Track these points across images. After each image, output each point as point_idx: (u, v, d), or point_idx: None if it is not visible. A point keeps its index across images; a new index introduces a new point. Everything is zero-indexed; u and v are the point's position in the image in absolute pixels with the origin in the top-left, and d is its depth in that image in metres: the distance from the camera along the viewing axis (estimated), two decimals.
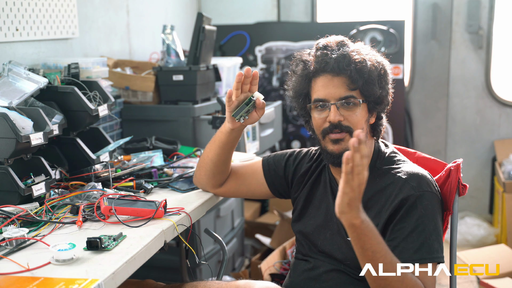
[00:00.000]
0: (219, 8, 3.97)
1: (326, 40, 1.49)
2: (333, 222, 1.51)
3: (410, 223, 1.36)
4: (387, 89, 1.49)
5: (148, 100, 2.51)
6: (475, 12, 3.73)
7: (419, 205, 1.37)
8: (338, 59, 1.42)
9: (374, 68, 1.44)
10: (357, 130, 1.14)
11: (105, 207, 1.44)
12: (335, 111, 1.42)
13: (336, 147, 1.45)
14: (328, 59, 1.43)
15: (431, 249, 1.34)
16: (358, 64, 1.42)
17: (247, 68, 1.52)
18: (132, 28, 2.97)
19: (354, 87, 1.43)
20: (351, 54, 1.43)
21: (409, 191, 1.38)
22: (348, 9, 4.11)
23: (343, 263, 1.49)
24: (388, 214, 1.39)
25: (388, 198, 1.41)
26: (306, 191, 1.61)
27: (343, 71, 1.42)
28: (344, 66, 1.41)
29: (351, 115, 1.43)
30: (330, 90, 1.43)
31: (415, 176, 1.41)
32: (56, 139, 1.80)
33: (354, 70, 1.41)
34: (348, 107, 1.43)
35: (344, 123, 1.43)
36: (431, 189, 1.40)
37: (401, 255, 1.34)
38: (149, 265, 1.41)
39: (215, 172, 1.66)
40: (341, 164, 1.40)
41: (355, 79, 1.42)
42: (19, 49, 2.11)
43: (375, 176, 1.47)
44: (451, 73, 3.88)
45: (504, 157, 3.68)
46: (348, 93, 1.43)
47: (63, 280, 1.10)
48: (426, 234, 1.35)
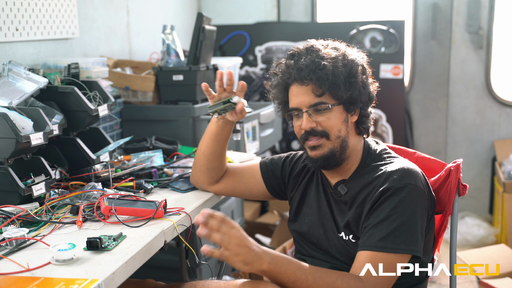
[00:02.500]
0: (219, 8, 3.97)
1: (297, 48, 1.51)
2: (326, 219, 1.53)
3: (383, 212, 1.37)
4: (358, 87, 1.47)
5: (148, 100, 2.51)
6: (475, 12, 3.73)
7: (396, 196, 1.37)
8: (300, 68, 1.44)
9: (339, 70, 1.44)
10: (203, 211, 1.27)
11: (105, 207, 1.44)
12: (307, 119, 1.45)
13: (314, 153, 1.48)
14: (291, 69, 1.46)
15: (396, 239, 1.34)
16: (319, 72, 1.42)
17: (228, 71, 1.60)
18: (132, 28, 2.97)
19: (320, 93, 1.44)
20: (314, 61, 1.44)
21: (390, 183, 1.39)
22: (348, 9, 4.11)
23: (339, 259, 1.50)
24: (370, 205, 1.40)
25: (371, 190, 1.42)
26: (301, 191, 1.62)
27: (305, 79, 1.44)
28: (305, 75, 1.43)
29: (324, 120, 1.45)
30: (300, 99, 1.46)
31: (400, 170, 1.41)
32: (56, 139, 1.80)
33: (315, 78, 1.42)
34: (319, 113, 1.45)
35: (318, 128, 1.45)
36: (415, 182, 1.39)
37: (367, 241, 1.36)
38: (149, 265, 1.41)
39: (209, 167, 1.68)
40: (322, 168, 1.50)
41: (319, 86, 1.43)
42: (19, 49, 2.11)
43: (364, 172, 1.48)
44: (451, 73, 3.88)
45: (504, 157, 3.68)
46: (317, 100, 1.44)
47: (63, 280, 1.10)
48: (396, 224, 1.34)
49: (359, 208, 1.44)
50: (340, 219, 1.49)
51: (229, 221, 1.28)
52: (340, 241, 1.48)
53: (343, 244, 1.48)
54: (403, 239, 1.34)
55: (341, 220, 1.49)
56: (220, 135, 1.64)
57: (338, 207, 1.51)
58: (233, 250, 1.25)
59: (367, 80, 1.50)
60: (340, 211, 1.50)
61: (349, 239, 1.47)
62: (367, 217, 1.40)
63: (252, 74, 3.79)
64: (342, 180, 1.52)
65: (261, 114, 2.63)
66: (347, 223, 1.46)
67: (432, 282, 2.99)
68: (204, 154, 1.67)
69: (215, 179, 1.71)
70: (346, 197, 1.48)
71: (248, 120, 2.48)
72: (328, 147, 1.46)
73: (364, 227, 1.40)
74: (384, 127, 3.53)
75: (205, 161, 1.68)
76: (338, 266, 1.50)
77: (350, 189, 1.48)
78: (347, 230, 1.47)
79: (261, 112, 2.63)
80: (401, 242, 1.34)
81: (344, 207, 1.49)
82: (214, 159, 1.67)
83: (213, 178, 1.70)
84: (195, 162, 1.72)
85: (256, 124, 2.57)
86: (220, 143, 1.66)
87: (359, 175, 1.49)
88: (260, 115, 2.62)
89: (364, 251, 1.36)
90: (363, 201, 1.44)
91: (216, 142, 1.65)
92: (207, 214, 1.26)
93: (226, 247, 1.25)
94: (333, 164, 1.48)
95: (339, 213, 1.51)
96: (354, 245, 1.44)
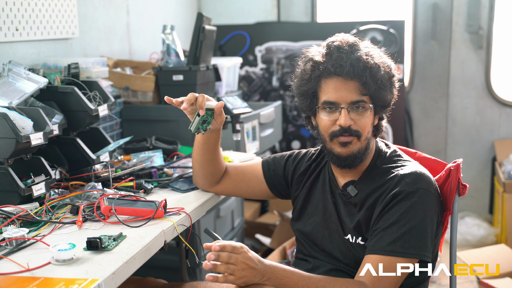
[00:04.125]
0: (219, 8, 3.97)
1: (339, 41, 1.46)
2: (331, 221, 1.52)
3: (394, 216, 1.37)
4: (394, 92, 1.49)
5: (148, 100, 2.51)
6: (475, 12, 3.73)
7: (407, 200, 1.37)
8: (353, 63, 1.40)
9: (385, 73, 1.44)
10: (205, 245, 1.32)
11: (105, 207, 1.43)
12: (346, 115, 1.42)
13: (344, 150, 1.45)
14: (343, 62, 1.41)
15: (406, 244, 1.34)
16: (373, 70, 1.41)
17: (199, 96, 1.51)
18: (132, 28, 2.97)
19: (366, 93, 1.42)
20: (365, 58, 1.41)
21: (402, 186, 1.39)
22: (348, 9, 4.11)
23: (342, 262, 1.49)
24: (381, 208, 1.40)
25: (383, 193, 1.42)
26: (306, 190, 1.61)
27: (357, 76, 1.40)
28: (359, 72, 1.40)
29: (360, 119, 1.43)
30: (341, 94, 1.42)
31: (413, 174, 1.41)
32: (56, 139, 1.79)
33: (369, 76, 1.40)
34: (358, 111, 1.43)
35: (353, 127, 1.43)
36: (427, 187, 1.39)
37: (376, 244, 1.36)
38: (149, 265, 1.41)
39: (205, 173, 1.68)
40: (346, 167, 1.47)
41: (368, 85, 1.41)
42: (19, 49, 2.10)
43: (374, 174, 1.48)
44: (451, 73, 3.88)
45: (504, 157, 3.68)
46: (360, 98, 1.42)
47: (63, 280, 1.10)
48: (406, 229, 1.34)
49: (370, 210, 1.43)
50: (349, 220, 1.48)
51: (237, 247, 1.30)
52: (346, 243, 1.47)
53: (349, 246, 1.47)
54: (413, 244, 1.34)
55: (349, 222, 1.48)
56: (207, 143, 1.62)
57: (346, 208, 1.50)
58: (237, 275, 1.29)
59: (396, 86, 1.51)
60: (349, 212, 1.49)
61: (357, 242, 1.46)
62: (377, 220, 1.40)
63: (252, 74, 3.79)
64: (352, 181, 1.50)
65: (261, 114, 2.63)
66: (357, 225, 1.45)
67: (432, 282, 2.99)
68: (197, 161, 1.67)
69: (215, 182, 1.71)
70: (356, 198, 1.47)
71: (248, 120, 2.47)
72: (357, 146, 1.44)
73: (373, 230, 1.40)
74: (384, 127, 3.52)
75: (199, 168, 1.68)
76: (341, 268, 1.49)
77: (360, 191, 1.47)
78: (356, 232, 1.46)
79: (261, 112, 2.63)
80: (411, 247, 1.34)
81: (354, 208, 1.48)
82: (207, 166, 1.67)
83: (211, 181, 1.70)
84: (193, 167, 1.72)
85: (256, 124, 2.56)
86: (209, 151, 1.64)
87: (369, 176, 1.48)
88: (260, 115, 2.62)
89: (373, 255, 1.36)
90: (373, 203, 1.43)
91: (205, 150, 1.63)
92: (218, 249, 1.29)
93: (231, 273, 1.30)
94: (357, 164, 1.47)
95: (347, 214, 1.49)
96: (362, 248, 1.44)
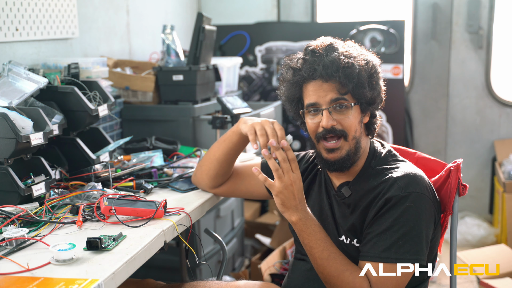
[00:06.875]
0: (219, 8, 3.97)
1: (315, 44, 1.47)
2: (327, 222, 1.52)
3: (387, 221, 1.36)
4: (378, 88, 1.48)
5: (148, 100, 2.51)
6: (475, 12, 3.73)
7: (400, 205, 1.36)
8: (326, 65, 1.41)
9: (363, 70, 1.43)
10: (282, 141, 1.40)
11: (105, 207, 1.43)
12: (328, 116, 1.42)
13: (331, 156, 1.45)
14: (316, 65, 1.42)
15: (400, 249, 1.34)
16: (347, 69, 1.41)
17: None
18: (132, 28, 2.97)
19: (344, 92, 1.42)
20: (340, 59, 1.41)
21: (395, 191, 1.38)
22: (348, 9, 4.11)
23: None
24: (374, 212, 1.39)
25: (376, 196, 1.41)
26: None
27: (331, 77, 1.41)
28: (332, 73, 1.40)
29: (344, 119, 1.43)
30: (320, 94, 1.43)
31: (406, 176, 1.40)
32: (56, 139, 1.80)
33: (343, 75, 1.40)
34: (340, 111, 1.43)
35: (338, 127, 1.43)
36: (420, 190, 1.38)
37: (370, 250, 1.37)
38: (149, 265, 1.41)
39: (219, 173, 1.66)
40: (336, 170, 1.48)
41: (344, 84, 1.41)
42: (19, 49, 2.11)
43: (368, 175, 1.47)
44: (451, 73, 3.88)
45: (504, 157, 3.68)
46: (338, 96, 1.42)
47: (63, 280, 1.10)
48: (399, 234, 1.34)
49: (364, 213, 1.42)
50: (343, 222, 1.48)
51: (296, 167, 1.40)
52: (341, 245, 1.47)
53: (344, 248, 1.46)
54: (407, 249, 1.34)
55: (344, 223, 1.48)
56: (240, 145, 1.63)
57: (340, 209, 1.50)
58: (286, 184, 1.38)
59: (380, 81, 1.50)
60: (342, 214, 1.49)
61: (351, 243, 1.45)
62: (370, 224, 1.39)
63: (252, 74, 3.79)
64: (346, 182, 1.50)
65: (261, 114, 2.63)
66: (351, 227, 1.45)
67: (432, 282, 2.99)
68: (217, 160, 1.64)
69: (220, 183, 1.70)
70: (350, 199, 1.47)
71: None
72: (345, 149, 1.44)
73: (366, 233, 1.40)
74: (384, 127, 3.53)
75: (216, 166, 1.65)
76: None
77: (354, 192, 1.47)
78: (351, 234, 1.45)
79: (261, 112, 2.63)
80: (405, 252, 1.34)
81: (347, 210, 1.48)
82: (226, 166, 1.65)
83: (218, 183, 1.69)
84: (203, 165, 1.69)
85: None
86: (237, 153, 1.64)
87: (363, 178, 1.48)
88: (260, 115, 2.62)
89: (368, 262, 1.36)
90: (367, 206, 1.42)
91: (233, 151, 1.63)
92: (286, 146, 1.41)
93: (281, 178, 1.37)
94: (348, 166, 1.46)
95: (341, 216, 1.49)
96: (356, 250, 1.43)
